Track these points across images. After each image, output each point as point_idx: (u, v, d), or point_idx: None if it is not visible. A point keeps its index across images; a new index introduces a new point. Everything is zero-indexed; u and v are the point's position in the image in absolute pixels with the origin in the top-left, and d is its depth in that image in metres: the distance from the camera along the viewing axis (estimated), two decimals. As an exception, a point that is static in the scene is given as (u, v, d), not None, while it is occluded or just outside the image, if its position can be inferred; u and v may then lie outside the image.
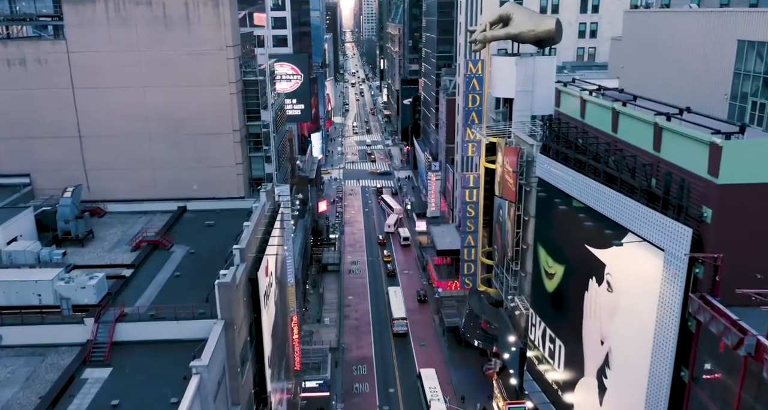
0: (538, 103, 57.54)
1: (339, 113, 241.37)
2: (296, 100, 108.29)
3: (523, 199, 52.57)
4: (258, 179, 56.17)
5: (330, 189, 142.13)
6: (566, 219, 39.95)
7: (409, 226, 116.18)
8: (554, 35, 56.22)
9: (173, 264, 41.74)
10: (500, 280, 61.00)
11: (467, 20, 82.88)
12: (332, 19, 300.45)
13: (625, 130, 35.58)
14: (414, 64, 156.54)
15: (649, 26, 44.82)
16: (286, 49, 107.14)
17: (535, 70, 56.78)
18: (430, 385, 64.91)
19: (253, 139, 55.23)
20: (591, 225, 36.28)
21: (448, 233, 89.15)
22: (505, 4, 58.03)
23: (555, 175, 41.08)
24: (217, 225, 48.52)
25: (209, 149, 51.40)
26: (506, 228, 56.54)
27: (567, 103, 44.92)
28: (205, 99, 50.19)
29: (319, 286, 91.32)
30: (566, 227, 40.24)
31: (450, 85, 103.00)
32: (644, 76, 44.22)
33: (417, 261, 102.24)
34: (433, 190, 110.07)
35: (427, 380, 66.00)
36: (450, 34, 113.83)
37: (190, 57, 49.31)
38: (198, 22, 48.72)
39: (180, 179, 51.85)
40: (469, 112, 62.28)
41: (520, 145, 53.68)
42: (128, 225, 49.29)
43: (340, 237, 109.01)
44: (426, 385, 64.99)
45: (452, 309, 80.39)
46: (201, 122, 50.75)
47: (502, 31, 56.82)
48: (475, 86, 61.76)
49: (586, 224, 37.04)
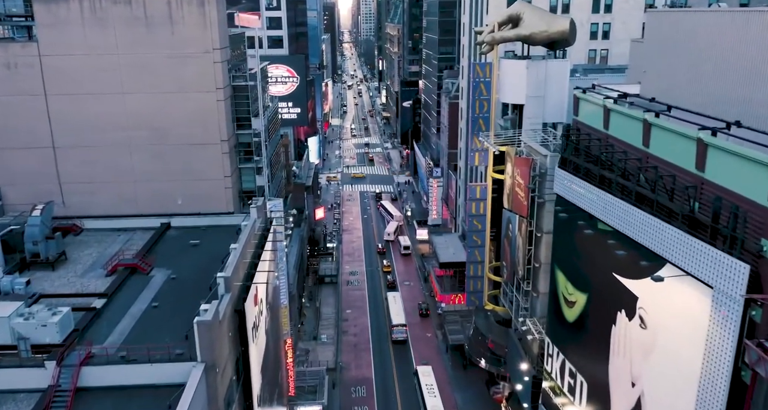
0: (551, 109, 53.63)
1: (337, 115, 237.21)
2: (292, 103, 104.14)
3: (535, 214, 48.61)
4: (249, 192, 52.01)
5: (327, 194, 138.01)
6: (590, 243, 35.84)
7: (410, 234, 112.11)
8: (568, 36, 52.26)
9: (151, 292, 37.52)
10: (509, 299, 56.95)
11: (471, 20, 78.80)
12: (330, 19, 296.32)
13: (659, 144, 31.45)
14: (414, 66, 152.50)
15: (676, 27, 40.66)
16: (282, 50, 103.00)
17: (548, 74, 52.88)
18: (426, 382, 65.08)
19: (243, 148, 51.05)
20: (620, 252, 32.19)
21: (451, 243, 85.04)
22: (515, 3, 53.92)
23: (576, 193, 36.98)
24: (203, 245, 44.33)
25: (195, 161, 47.18)
26: (516, 244, 52.51)
27: (587, 111, 40.81)
28: (191, 106, 45.99)
29: (316, 299, 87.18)
30: (590, 251, 36.14)
31: (452, 88, 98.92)
32: (671, 81, 40.08)
33: (418, 272, 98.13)
34: (435, 196, 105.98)
35: (424, 376, 66.13)
36: (452, 34, 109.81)
37: (174, 60, 45.12)
38: (182, 22, 44.53)
39: (163, 193, 47.63)
40: (475, 119, 58.18)
41: (532, 155, 49.66)
42: (106, 244, 45.06)
43: (338, 247, 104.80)
44: (423, 382, 65.15)
45: (456, 324, 76.28)
46: (186, 131, 46.55)
47: (512, 32, 52.83)
48: (482, 91, 57.66)
49: (614, 250, 32.93)
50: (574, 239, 38.31)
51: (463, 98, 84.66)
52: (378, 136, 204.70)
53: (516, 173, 50.90)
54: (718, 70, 33.15)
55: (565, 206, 38.44)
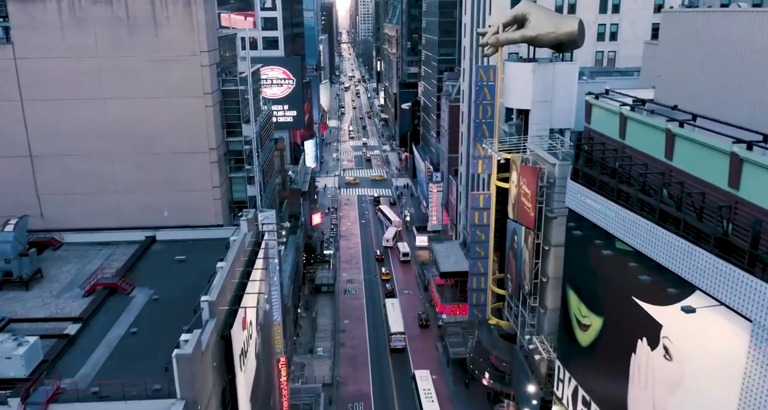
0: (558, 115, 50.91)
1: (335, 116, 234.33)
2: (288, 106, 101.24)
3: (542, 226, 45.93)
4: (240, 202, 49.22)
5: (324, 198, 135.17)
6: (606, 263, 33.07)
7: (409, 240, 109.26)
8: (577, 37, 49.56)
9: (131, 315, 34.66)
10: (514, 314, 54.20)
11: (473, 21, 76.03)
12: (328, 19, 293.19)
13: (685, 157, 28.70)
14: (413, 67, 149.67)
15: (696, 29, 37.90)
16: (277, 51, 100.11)
17: (555, 77, 50.15)
18: (424, 387, 63.90)
19: (234, 156, 48.23)
20: (642, 276, 29.42)
21: (451, 252, 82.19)
22: (521, 3, 51.12)
23: (590, 208, 34.23)
24: (189, 261, 41.49)
25: (182, 170, 44.36)
26: (523, 257, 49.79)
27: (601, 119, 38.05)
28: (177, 113, 43.17)
29: (312, 310, 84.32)
30: (606, 272, 33.38)
31: (453, 91, 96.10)
32: (689, 87, 37.33)
33: (417, 280, 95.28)
34: (435, 202, 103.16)
35: (422, 381, 64.92)
36: (452, 35, 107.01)
37: (158, 64, 42.29)
38: (167, 23, 41.71)
39: (148, 205, 44.80)
40: (479, 125, 55.42)
41: (539, 163, 46.96)
42: (86, 260, 42.22)
43: (335, 254, 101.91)
44: (420, 387, 63.96)
45: (457, 336, 73.43)
46: (172, 139, 43.72)
47: (518, 33, 50.08)
48: (486, 95, 54.90)
49: (634, 272, 30.16)
50: (588, 257, 35.54)
51: (464, 101, 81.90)
52: (376, 138, 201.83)
53: (522, 182, 48.20)
54: (749, 76, 30.38)
55: (579, 222, 35.67)
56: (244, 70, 47.56)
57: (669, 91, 42.36)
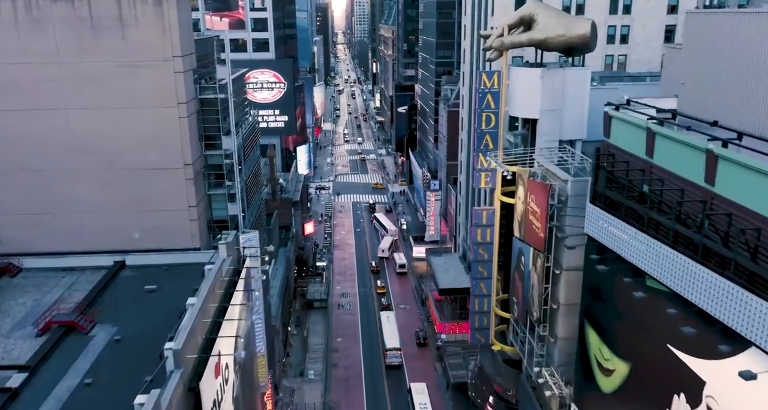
0: (569, 125, 46.65)
1: (329, 119, 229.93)
2: (279, 111, 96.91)
3: (553, 248, 41.63)
4: (221, 222, 44.80)
5: (318, 205, 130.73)
6: (635, 302, 28.71)
7: (406, 250, 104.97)
8: (589, 41, 45.31)
9: (88, 360, 30.17)
10: (520, 340, 49.89)
11: (473, 22, 71.76)
12: (323, 20, 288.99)
13: (731, 184, 24.35)
14: (409, 70, 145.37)
15: (725, 32, 33.62)
16: (268, 54, 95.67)
17: (566, 84, 45.90)
18: (420, 401, 62.58)
19: (213, 171, 43.79)
20: (681, 323, 25.08)
21: (451, 265, 77.91)
22: (528, 3, 46.82)
23: (615, 238, 29.88)
24: (161, 291, 37.03)
25: (153, 188, 39.92)
26: (530, 281, 45.44)
27: (624, 133, 33.72)
28: (147, 124, 38.72)
29: (304, 327, 79.82)
30: (634, 312, 29.03)
31: (452, 95, 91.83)
32: (718, 96, 33.10)
33: (415, 293, 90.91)
34: (432, 211, 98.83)
35: (417, 395, 63.56)
36: (451, 37, 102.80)
37: (126, 70, 37.84)
38: (135, 24, 37.25)
39: (116, 227, 40.34)
40: (481, 135, 51.07)
41: (549, 179, 42.65)
42: (46, 289, 37.73)
43: (329, 266, 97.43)
44: (416, 401, 62.60)
45: (458, 358, 69.18)
46: (142, 154, 39.27)
47: (524, 36, 45.77)
48: (489, 103, 50.56)
49: (670, 317, 25.82)
50: (612, 293, 31.20)
51: (464, 107, 77.62)
52: (372, 141, 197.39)
53: (530, 199, 43.85)
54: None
55: (601, 253, 31.30)
56: (224, 77, 42.96)
57: (694, 100, 38.09)
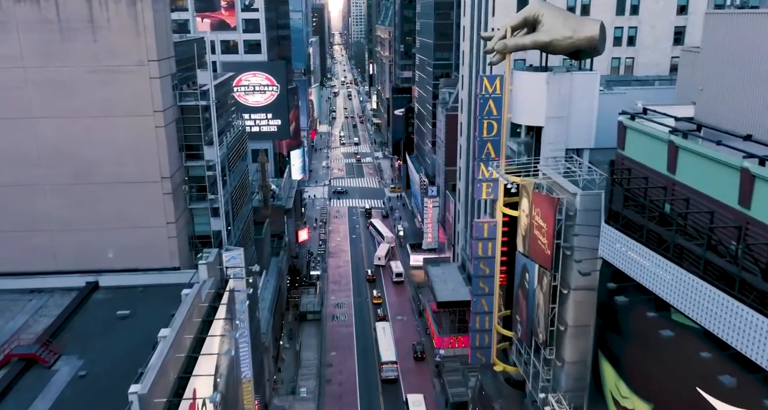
0: (576, 133, 43.80)
1: (325, 121, 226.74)
2: (272, 114, 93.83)
3: (560, 265, 38.69)
4: (204, 237, 41.77)
5: (313, 210, 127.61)
6: (658, 338, 25.73)
7: (402, 257, 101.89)
8: (597, 43, 42.43)
9: (48, 399, 27.11)
10: (524, 361, 46.91)
11: (473, 23, 68.79)
12: (319, 20, 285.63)
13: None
14: (406, 71, 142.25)
15: (750, 34, 30.66)
16: (260, 56, 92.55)
17: (573, 89, 43.03)
18: None
19: (195, 184, 40.73)
20: (714, 366, 22.10)
21: (449, 276, 74.82)
22: (532, 3, 43.94)
23: (635, 264, 26.90)
24: (134, 318, 33.99)
25: (129, 204, 36.90)
26: (536, 300, 42.45)
27: (641, 146, 30.74)
28: (121, 135, 35.71)
29: (296, 339, 76.70)
30: (657, 348, 26.03)
31: (450, 99, 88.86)
32: (741, 105, 30.19)
33: (412, 304, 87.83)
34: (430, 218, 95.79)
35: (414, 407, 61.18)
36: (449, 39, 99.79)
37: (97, 76, 34.81)
38: (107, 26, 34.20)
39: (89, 245, 37.31)
40: (483, 143, 48.09)
41: (556, 191, 39.73)
42: (10, 314, 34.65)
43: (323, 276, 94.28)
44: None
45: (457, 374, 66.08)
46: (116, 167, 36.25)
47: (529, 38, 42.88)
48: (491, 109, 47.58)
49: (701, 357, 22.85)
50: (631, 324, 28.24)
51: (462, 112, 74.66)
52: (368, 144, 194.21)
53: (535, 213, 40.89)
54: None
55: (619, 280, 28.31)
56: (206, 82, 39.82)
57: (713, 108, 35.16)
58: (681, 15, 58.82)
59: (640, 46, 59.34)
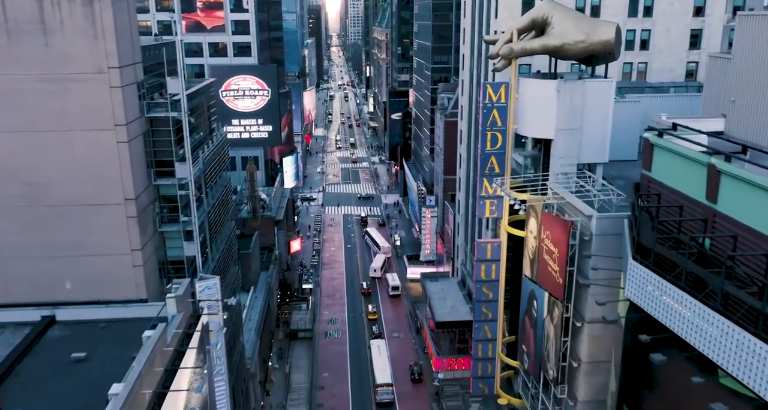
0: (589, 146, 39.83)
1: (321, 124, 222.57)
2: (263, 120, 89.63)
3: (573, 295, 34.72)
4: (177, 262, 37.58)
5: (307, 217, 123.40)
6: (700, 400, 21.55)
7: (399, 269, 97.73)
8: (613, 48, 38.52)
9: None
10: (531, 395, 42.86)
11: (474, 26, 64.75)
12: (316, 22, 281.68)
13: None
14: (404, 74, 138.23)
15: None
16: (250, 59, 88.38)
17: (585, 98, 39.09)
18: None
19: (168, 204, 36.55)
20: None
21: (448, 293, 70.71)
22: (541, 3, 39.78)
23: (670, 310, 22.74)
24: (91, 361, 29.75)
25: (88, 228, 32.71)
26: (545, 332, 38.40)
27: (672, 168, 26.66)
28: (78, 151, 31.54)
29: (286, 360, 72.46)
30: None
31: (449, 104, 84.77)
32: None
33: (409, 319, 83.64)
34: (428, 229, 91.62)
35: None
36: (448, 41, 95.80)
37: (50, 85, 30.65)
38: (59, 28, 30.03)
39: (44, 274, 33.11)
40: (486, 157, 43.90)
41: (568, 212, 35.78)
42: (-49, 355, 30.41)
43: (315, 290, 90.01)
44: None
45: (456, 399, 62.11)
46: (73, 188, 32.07)
47: (537, 42, 38.87)
48: (495, 120, 43.40)
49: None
50: (661, 380, 24.06)
51: (462, 119, 70.58)
52: (365, 148, 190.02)
53: (545, 235, 36.85)
54: None
55: (649, 329, 24.12)
56: (177, 91, 35.50)
57: (747, 121, 31.13)
58: (697, 17, 54.82)
59: (654, 50, 55.29)
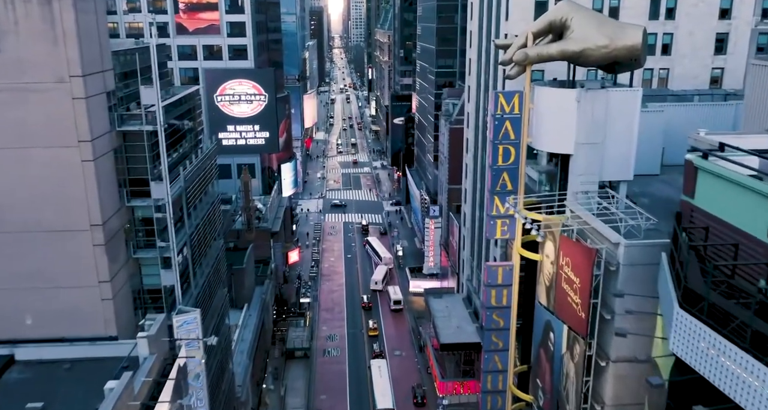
0: (612, 162, 36.04)
1: (323, 128, 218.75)
2: (259, 126, 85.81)
3: (596, 330, 30.96)
4: (155, 291, 33.74)
5: (306, 225, 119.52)
6: None
7: (401, 281, 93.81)
8: (639, 54, 34.69)
9: None
10: (546, 434, 38.98)
11: (481, 28, 60.91)
12: (318, 24, 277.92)
13: None
14: (406, 78, 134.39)
15: None
16: (246, 62, 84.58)
17: (609, 110, 35.24)
18: None
19: (144, 227, 32.74)
20: None
21: (453, 311, 66.82)
22: (559, 4, 35.74)
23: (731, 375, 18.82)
24: None
25: (49, 258, 28.89)
26: (564, 369, 34.57)
27: (722, 197, 22.74)
28: (35, 171, 27.73)
29: (282, 380, 68.56)
30: None
31: (454, 110, 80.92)
32: None
33: (411, 336, 79.69)
34: (432, 240, 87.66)
35: None
36: (452, 44, 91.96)
37: (3, 96, 26.77)
38: (13, 31, 26.24)
39: (2, 309, 29.18)
40: (498, 173, 39.99)
41: (590, 237, 32.03)
42: None
43: (314, 304, 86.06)
44: None
45: (462, 426, 58.15)
46: (32, 212, 28.26)
47: (555, 46, 34.86)
48: (508, 132, 39.47)
49: None
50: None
51: (469, 127, 66.71)
52: (366, 152, 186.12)
53: (564, 262, 33.05)
54: None
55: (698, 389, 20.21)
56: (152, 102, 31.65)
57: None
58: (723, 20, 50.92)
59: (676, 55, 51.39)
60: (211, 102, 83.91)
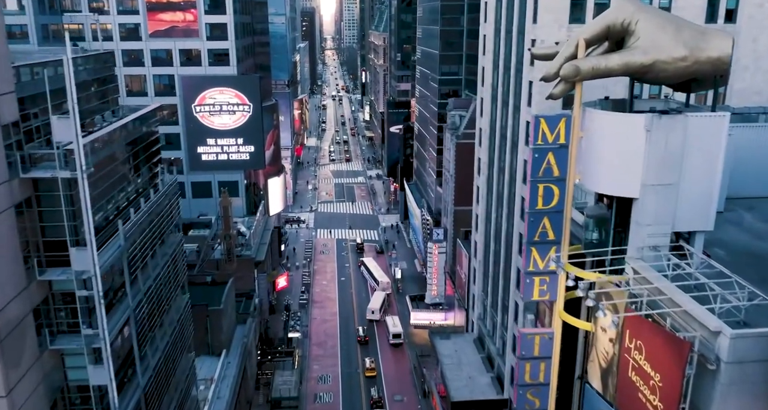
0: (689, 208, 27.13)
1: (314, 134, 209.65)
2: (243, 139, 76.85)
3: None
4: (84, 389, 24.84)
5: (297, 242, 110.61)
6: None
7: (400, 308, 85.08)
8: (726, 69, 26.17)
9: None
10: None
11: (499, 32, 52.20)
12: (310, 25, 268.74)
13: None
14: (404, 83, 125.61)
15: None
16: (228, 68, 75.58)
17: (687, 141, 26.41)
18: None
19: (63, 305, 23.82)
20: None
21: (464, 356, 58.14)
22: (620, 3, 26.66)
23: None
24: None
25: None
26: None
27: None
28: None
29: (267, 436, 59.71)
30: None
31: (461, 123, 72.22)
32: None
33: (413, 376, 70.94)
34: (435, 267, 78.84)
35: None
36: (458, 49, 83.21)
37: None
38: None
39: None
40: (538, 219, 31.40)
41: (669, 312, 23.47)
42: None
43: (303, 340, 77.06)
44: None
45: None
46: None
47: (617, 58, 25.81)
48: (551, 167, 30.97)
49: None
50: None
51: (482, 145, 57.92)
52: (360, 161, 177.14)
53: (633, 345, 24.48)
54: None
55: None
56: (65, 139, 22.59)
57: None
58: (793, 23, 42.59)
59: (737, 66, 42.70)
60: (189, 112, 75.00)
